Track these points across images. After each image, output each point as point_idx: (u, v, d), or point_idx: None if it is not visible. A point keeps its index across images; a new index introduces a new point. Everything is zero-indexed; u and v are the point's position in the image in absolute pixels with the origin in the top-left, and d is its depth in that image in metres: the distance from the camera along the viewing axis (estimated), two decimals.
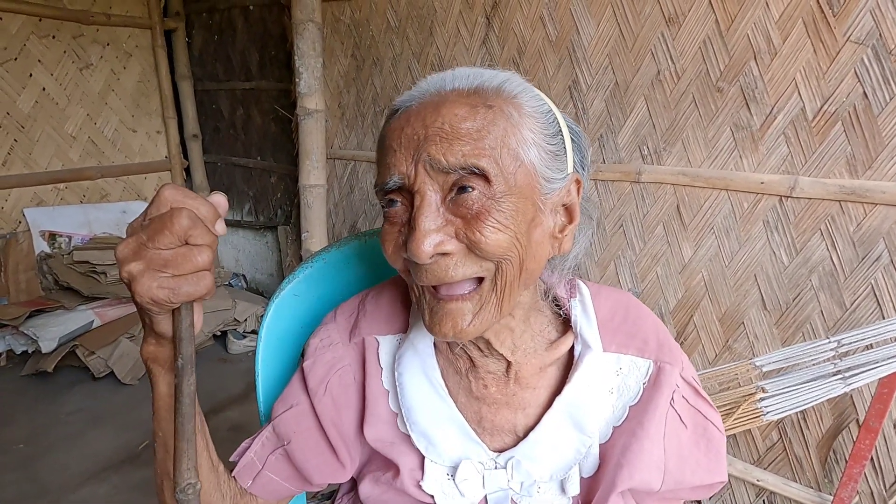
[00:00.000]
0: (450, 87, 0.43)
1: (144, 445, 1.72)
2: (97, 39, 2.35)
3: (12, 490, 1.53)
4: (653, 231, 1.45)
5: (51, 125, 2.26)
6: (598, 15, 1.49)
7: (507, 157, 0.41)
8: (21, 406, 1.94)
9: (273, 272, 2.85)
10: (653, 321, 0.54)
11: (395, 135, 0.43)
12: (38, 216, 2.21)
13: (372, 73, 2.06)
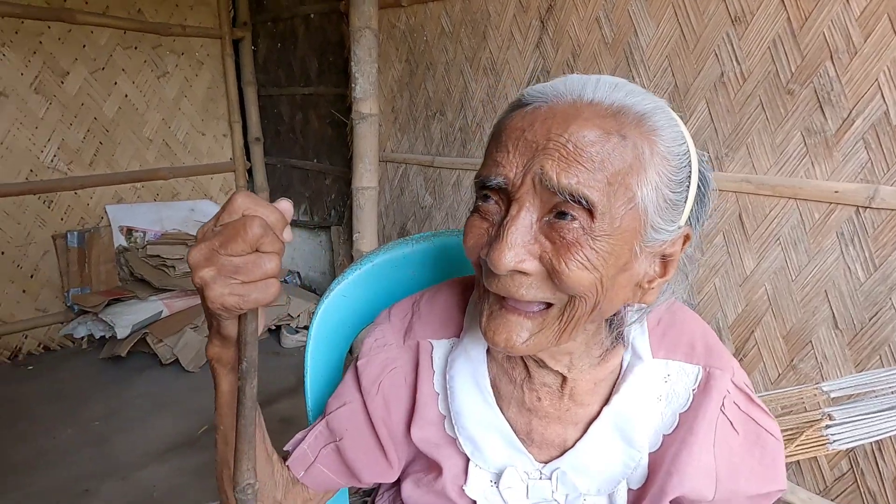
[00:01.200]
0: (589, 98, 0.40)
1: (203, 431, 1.83)
2: (173, 49, 2.52)
3: (90, 464, 1.67)
4: (711, 240, 1.38)
5: (131, 129, 2.45)
6: (658, 16, 1.44)
7: (622, 198, 0.39)
8: (98, 386, 2.12)
9: (325, 270, 2.95)
10: (700, 325, 0.52)
11: (514, 133, 0.41)
12: (118, 212, 2.41)
13: (425, 78, 2.10)
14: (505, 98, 1.85)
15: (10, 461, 1.67)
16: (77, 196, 2.32)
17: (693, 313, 0.53)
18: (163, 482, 1.59)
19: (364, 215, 2.23)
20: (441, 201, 2.12)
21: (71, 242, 2.27)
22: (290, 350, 2.44)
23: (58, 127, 2.23)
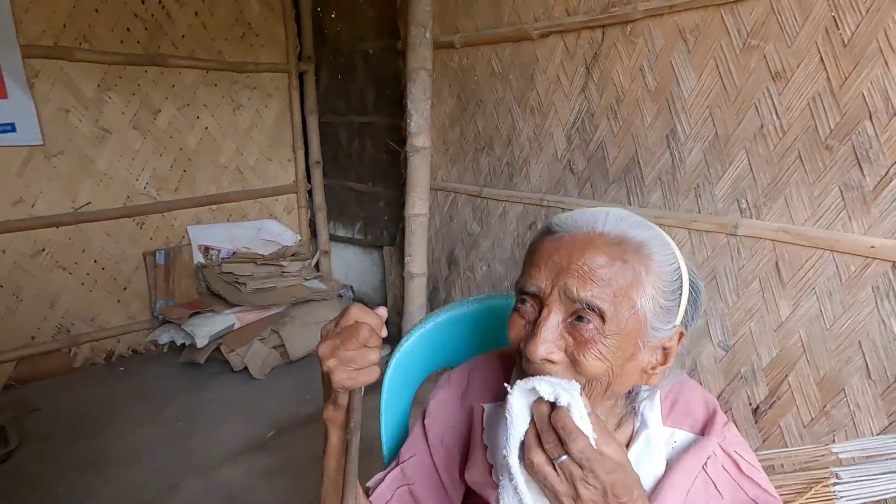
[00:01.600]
0: (599, 230, 0.53)
1: (270, 436, 2.04)
2: (247, 84, 2.79)
3: (176, 460, 1.91)
4: (748, 286, 1.44)
5: (209, 157, 2.73)
6: (700, 67, 1.52)
7: (625, 306, 0.51)
8: (179, 388, 2.39)
9: (377, 285, 3.14)
10: (703, 397, 0.62)
11: (544, 255, 0.54)
12: (197, 232, 2.69)
13: (475, 114, 2.23)
14: (550, 137, 1.96)
15: (111, 455, 1.94)
16: (163, 218, 2.61)
17: (697, 386, 0.64)
18: (238, 482, 1.80)
19: (415, 240, 2.40)
20: (488, 230, 2.25)
21: (158, 260, 2.57)
22: None
23: (150, 158, 2.53)
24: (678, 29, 1.54)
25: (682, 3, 1.50)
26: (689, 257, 1.48)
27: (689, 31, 1.52)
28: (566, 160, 1.92)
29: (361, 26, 2.82)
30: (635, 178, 1.72)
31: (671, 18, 1.54)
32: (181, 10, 2.49)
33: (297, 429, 2.12)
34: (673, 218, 1.59)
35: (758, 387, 1.43)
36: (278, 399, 2.31)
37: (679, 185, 1.60)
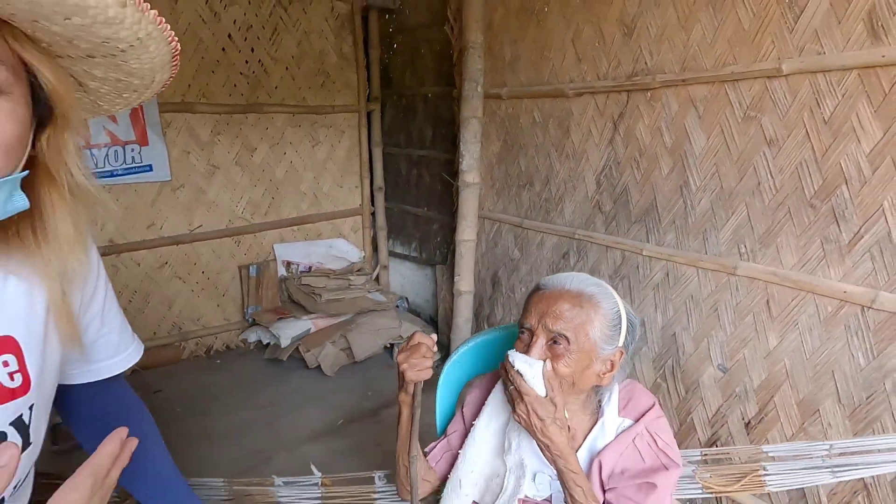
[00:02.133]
0: (567, 287, 0.88)
1: (341, 423, 2.46)
2: (324, 124, 3.28)
3: (266, 439, 2.37)
4: (743, 318, 1.70)
5: (292, 186, 3.24)
6: (709, 131, 1.79)
7: (582, 334, 0.85)
8: (265, 380, 2.87)
9: (429, 298, 3.54)
10: (647, 400, 0.94)
11: (534, 305, 0.89)
12: (281, 249, 3.20)
13: (518, 156, 2.57)
14: (582, 179, 2.26)
15: (217, 431, 2.43)
16: (255, 237, 3.14)
17: (645, 391, 0.96)
18: (317, 458, 2.22)
19: (464, 262, 2.76)
20: (527, 257, 2.58)
21: (251, 272, 3.08)
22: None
23: (247, 188, 3.05)
24: (690, 98, 1.82)
25: (693, 77, 1.78)
26: (695, 291, 1.77)
27: (699, 100, 1.79)
28: (595, 200, 2.23)
29: (422, 74, 3.23)
30: (654, 220, 2.00)
31: (684, 89, 1.82)
32: (275, 67, 3.00)
33: (362, 419, 2.53)
34: (683, 257, 1.87)
35: (749, 405, 1.68)
36: (346, 393, 2.74)
37: (690, 229, 1.87)
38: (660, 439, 0.88)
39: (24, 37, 0.45)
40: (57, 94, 0.47)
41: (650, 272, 2.00)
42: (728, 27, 1.67)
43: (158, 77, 0.51)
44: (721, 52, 1.70)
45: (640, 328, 0.93)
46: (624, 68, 2.00)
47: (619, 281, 2.11)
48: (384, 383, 2.84)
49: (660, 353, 1.97)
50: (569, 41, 2.19)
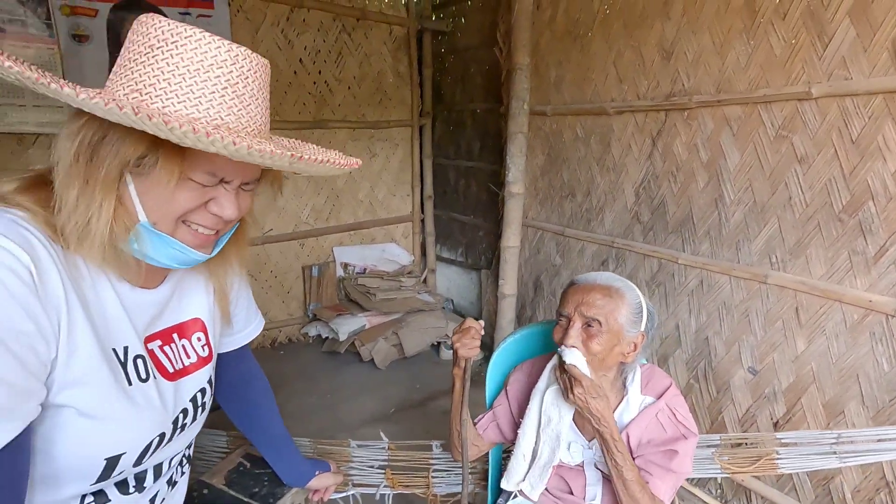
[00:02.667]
0: (598, 282, 1.05)
1: (393, 411, 2.71)
2: (380, 137, 3.56)
3: (327, 422, 2.64)
4: (773, 324, 1.81)
5: (351, 194, 3.54)
6: (742, 148, 1.91)
7: (611, 318, 1.02)
8: (324, 370, 3.16)
9: (473, 301, 3.74)
10: (666, 381, 1.10)
11: (570, 296, 1.06)
12: (340, 252, 3.50)
13: (561, 168, 2.75)
14: (622, 191, 2.41)
15: (287, 413, 2.68)
16: (317, 241, 3.45)
17: (663, 373, 1.12)
18: (374, 439, 2.48)
19: (508, 267, 2.95)
20: (568, 263, 2.75)
21: (313, 273, 3.40)
22: (447, 361, 3.26)
23: (311, 196, 3.38)
24: (725, 117, 1.94)
25: (727, 98, 1.91)
26: (728, 298, 1.90)
27: (734, 120, 1.92)
28: (634, 211, 2.37)
29: (471, 91, 3.47)
30: (689, 230, 2.13)
31: (719, 109, 1.96)
32: (339, 87, 3.32)
33: (411, 409, 2.76)
34: (717, 265, 1.99)
35: (778, 405, 1.78)
36: (396, 385, 2.99)
37: (724, 239, 1.99)
38: (678, 413, 1.05)
39: None
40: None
41: (685, 279, 2.12)
42: (761, 53, 1.79)
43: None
44: (754, 75, 1.82)
45: (659, 324, 1.10)
46: (662, 89, 2.15)
47: (655, 287, 2.25)
48: (431, 378, 3.07)
49: (693, 355, 2.09)
50: (610, 63, 2.36)
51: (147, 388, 0.67)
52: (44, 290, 0.53)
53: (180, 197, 0.59)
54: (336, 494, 1.28)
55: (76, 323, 0.57)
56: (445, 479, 1.38)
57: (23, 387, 0.52)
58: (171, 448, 0.74)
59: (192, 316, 0.79)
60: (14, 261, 0.51)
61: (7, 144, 2.42)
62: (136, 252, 0.61)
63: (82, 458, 0.60)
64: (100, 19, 2.53)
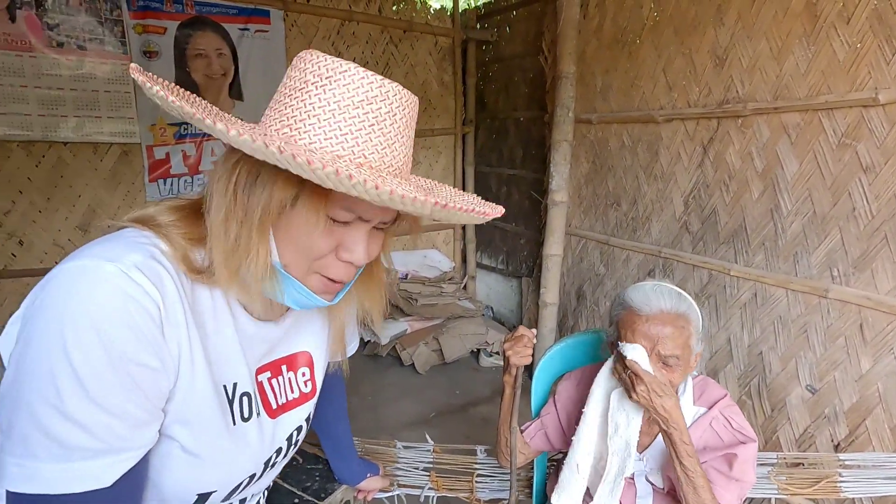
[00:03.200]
0: (664, 309, 0.98)
1: (433, 416, 2.73)
2: (425, 146, 3.63)
3: (370, 423, 2.70)
4: (834, 341, 1.72)
5: None
6: (801, 157, 1.84)
7: (686, 350, 0.99)
8: (366, 373, 3.23)
9: (513, 309, 3.73)
10: (719, 391, 1.08)
11: (638, 329, 0.98)
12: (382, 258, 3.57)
13: (606, 177, 2.72)
14: (670, 200, 2.36)
15: None
16: None
17: (716, 384, 1.10)
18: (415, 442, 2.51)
19: (550, 275, 2.94)
20: (612, 272, 2.71)
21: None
22: (486, 369, 3.27)
23: None
24: (782, 125, 1.88)
25: (785, 105, 1.85)
26: (784, 312, 1.83)
27: (792, 127, 1.85)
28: (683, 221, 2.32)
29: (515, 99, 3.48)
30: (742, 241, 2.06)
31: (776, 117, 1.89)
32: None
33: (450, 414, 2.78)
34: (772, 278, 1.92)
35: (839, 427, 1.69)
36: (436, 390, 3.01)
37: (780, 251, 1.92)
38: (734, 421, 1.02)
39: None
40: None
41: (737, 292, 2.06)
42: (822, 58, 1.73)
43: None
44: (815, 81, 1.76)
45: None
46: (715, 96, 2.10)
47: (705, 299, 2.19)
48: (470, 384, 3.08)
49: (745, 371, 2.01)
50: (660, 70, 2.33)
51: (248, 428, 0.66)
52: (169, 327, 0.54)
53: (316, 238, 0.57)
54: (382, 494, 1.32)
55: (196, 360, 0.57)
56: (489, 484, 1.39)
57: (143, 418, 0.53)
58: (258, 485, 0.75)
59: (301, 349, 0.77)
60: (145, 297, 0.51)
61: (84, 153, 2.62)
62: (264, 290, 0.60)
63: (178, 490, 0.61)
64: (168, 37, 2.71)
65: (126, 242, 0.54)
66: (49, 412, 0.47)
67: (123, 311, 0.49)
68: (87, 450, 0.48)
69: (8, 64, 2.36)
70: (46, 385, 0.47)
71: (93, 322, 0.47)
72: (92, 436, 0.48)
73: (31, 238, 2.56)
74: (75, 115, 2.54)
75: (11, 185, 2.48)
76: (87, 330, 0.47)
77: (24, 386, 0.47)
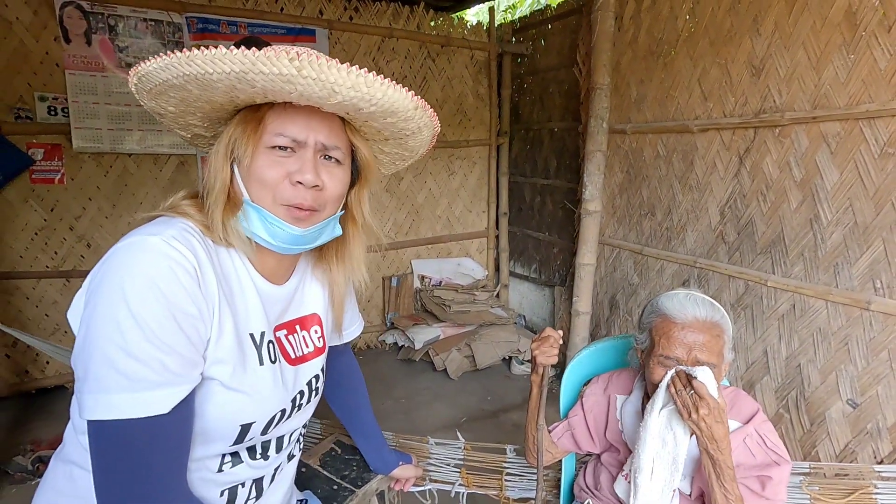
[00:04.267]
0: (699, 317, 0.99)
1: (464, 420, 2.78)
2: (458, 156, 3.72)
3: (403, 426, 2.77)
4: (877, 354, 1.68)
5: (430, 210, 3.71)
6: (841, 166, 1.81)
7: (720, 357, 1.01)
8: (400, 377, 3.31)
9: (545, 317, 3.74)
10: (751, 404, 1.09)
11: (674, 336, 0.99)
12: (417, 265, 3.67)
13: (641, 186, 2.72)
14: (706, 210, 2.35)
15: None
16: (397, 253, 3.65)
17: (747, 397, 1.11)
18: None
19: (583, 284, 2.95)
20: (646, 282, 2.70)
21: (392, 283, 3.59)
22: (518, 376, 3.29)
23: (393, 211, 3.59)
24: (821, 134, 1.86)
25: (824, 115, 1.83)
26: (823, 324, 1.81)
27: (832, 137, 1.83)
28: (719, 231, 2.30)
29: (549, 110, 3.53)
30: (780, 252, 2.03)
31: (815, 126, 1.87)
32: None
33: (482, 420, 2.82)
34: (811, 289, 1.88)
35: (882, 443, 1.64)
36: (467, 395, 3.06)
37: (819, 262, 1.88)
38: (768, 440, 1.02)
39: (353, 129, 0.79)
40: (366, 164, 0.82)
41: (775, 303, 2.02)
42: (863, 67, 1.71)
43: (422, 150, 0.86)
44: (855, 90, 1.74)
45: None
46: (751, 106, 2.09)
47: (741, 310, 2.16)
48: (502, 390, 3.11)
49: (783, 383, 1.97)
50: (695, 81, 2.33)
51: (275, 369, 0.79)
52: (204, 283, 0.66)
53: (263, 168, 0.69)
54: (414, 488, 1.38)
55: (224, 312, 0.69)
56: (518, 483, 1.43)
57: (190, 357, 0.63)
58: (290, 423, 0.86)
59: (311, 311, 0.89)
60: (184, 259, 0.63)
61: (146, 163, 2.84)
62: (245, 230, 0.73)
63: (224, 422, 0.73)
64: None
65: (163, 223, 0.67)
66: (117, 352, 0.58)
67: (169, 270, 0.61)
68: (148, 381, 0.59)
69: (84, 83, 2.61)
70: (113, 330, 0.58)
71: (147, 279, 0.59)
72: (151, 370, 0.59)
73: (98, 241, 2.79)
74: (139, 129, 2.77)
75: (83, 192, 2.72)
76: (143, 286, 0.59)
77: (96, 335, 0.59)
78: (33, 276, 2.68)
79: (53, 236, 2.70)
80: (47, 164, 2.64)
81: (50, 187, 2.66)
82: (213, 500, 0.76)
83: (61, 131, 2.61)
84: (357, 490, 1.22)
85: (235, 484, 0.78)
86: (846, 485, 1.16)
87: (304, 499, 1.05)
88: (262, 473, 0.83)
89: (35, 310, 2.72)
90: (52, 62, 2.55)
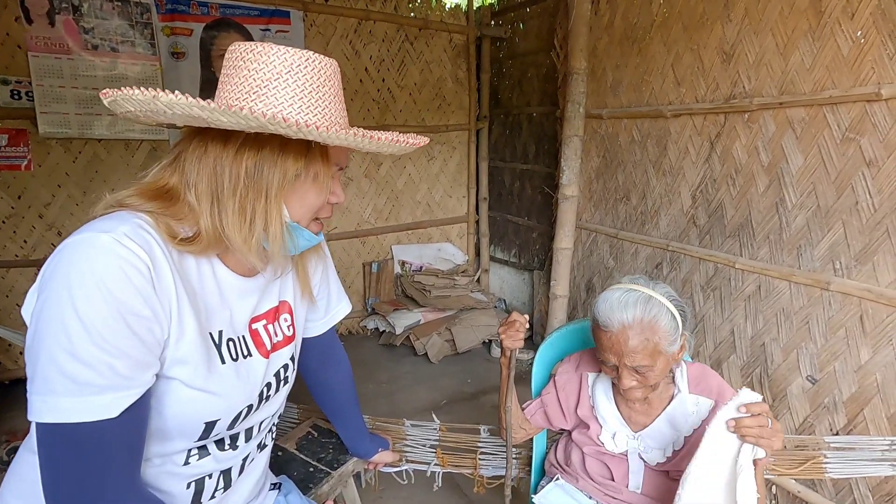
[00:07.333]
0: (627, 322, 0.99)
1: (444, 403, 2.83)
2: (439, 141, 3.71)
3: (385, 409, 2.80)
4: (835, 332, 1.75)
5: (410, 195, 3.71)
6: (806, 151, 1.87)
7: (655, 354, 1.02)
8: (381, 361, 3.34)
9: (525, 301, 3.80)
10: (717, 380, 1.14)
11: (606, 344, 1.03)
12: (398, 250, 3.68)
13: (616, 171, 2.76)
14: (678, 194, 2.40)
15: None
16: (377, 239, 3.65)
17: (712, 371, 1.15)
18: None
19: (560, 268, 2.99)
20: (622, 265, 2.75)
21: (373, 269, 3.60)
22: (497, 360, 3.34)
23: (373, 196, 3.58)
24: (787, 119, 1.91)
25: (790, 100, 1.87)
26: (787, 304, 1.87)
27: (797, 122, 1.88)
28: (690, 215, 2.35)
29: (528, 95, 3.53)
30: (748, 234, 2.09)
31: (782, 112, 1.92)
32: (400, 93, 3.50)
33: (462, 402, 2.87)
34: (776, 271, 1.95)
35: (838, 416, 1.73)
36: (448, 378, 3.11)
37: (784, 244, 1.95)
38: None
39: None
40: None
41: (742, 284, 2.09)
42: (827, 54, 1.75)
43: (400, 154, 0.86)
44: (819, 76, 1.78)
45: (693, 317, 1.12)
46: (722, 91, 2.13)
47: (710, 291, 2.22)
48: (482, 373, 3.16)
49: (748, 361, 2.05)
50: (668, 66, 2.36)
51: (238, 367, 0.76)
52: (159, 283, 0.63)
53: (316, 193, 0.72)
54: (391, 468, 1.41)
55: (184, 311, 0.67)
56: (492, 461, 1.47)
57: (142, 360, 0.61)
58: (258, 415, 0.86)
59: (282, 298, 0.88)
60: (136, 259, 0.60)
61: (117, 149, 2.78)
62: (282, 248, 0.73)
63: (188, 419, 0.72)
64: (194, 38, 2.84)
65: (117, 218, 0.64)
66: (63, 354, 0.56)
67: (119, 271, 0.59)
68: (95, 385, 0.58)
69: (48, 66, 2.53)
70: (59, 332, 0.56)
71: (95, 280, 0.57)
72: (98, 374, 0.58)
73: (69, 229, 2.73)
74: (109, 113, 2.70)
75: (52, 179, 2.66)
76: (91, 286, 0.57)
77: (43, 335, 0.57)
78: (2, 265, 2.63)
79: (22, 224, 2.64)
80: (12, 150, 2.56)
81: (17, 174, 2.59)
82: (178, 493, 0.76)
83: (26, 116, 2.53)
84: (333, 472, 1.25)
85: (202, 476, 0.78)
86: (798, 455, 1.22)
87: (278, 482, 1.07)
88: (229, 465, 0.83)
89: (5, 300, 2.66)
90: (14, 43, 2.46)
